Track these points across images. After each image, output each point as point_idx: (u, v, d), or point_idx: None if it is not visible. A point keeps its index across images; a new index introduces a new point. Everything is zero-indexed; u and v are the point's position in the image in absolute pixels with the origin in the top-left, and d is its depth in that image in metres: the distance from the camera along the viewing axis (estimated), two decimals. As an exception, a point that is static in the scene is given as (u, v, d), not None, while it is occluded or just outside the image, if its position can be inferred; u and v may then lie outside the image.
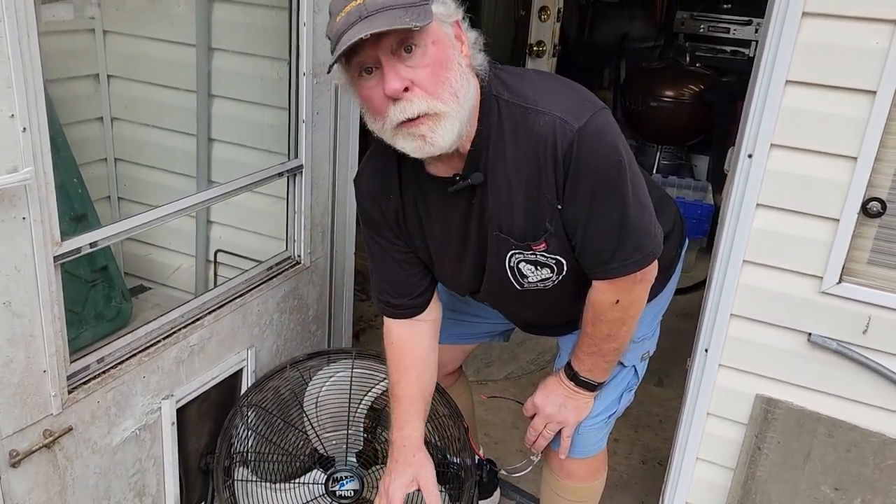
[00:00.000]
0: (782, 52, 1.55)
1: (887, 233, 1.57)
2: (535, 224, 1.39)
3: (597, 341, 1.54)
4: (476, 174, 1.36)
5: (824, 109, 1.55)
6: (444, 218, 1.46)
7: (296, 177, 2.07)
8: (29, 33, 1.23)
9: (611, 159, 1.32)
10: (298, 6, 1.92)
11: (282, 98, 2.09)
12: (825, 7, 1.50)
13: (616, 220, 1.37)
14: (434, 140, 1.25)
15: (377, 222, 1.52)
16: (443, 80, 1.21)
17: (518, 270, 1.47)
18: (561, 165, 1.30)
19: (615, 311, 1.49)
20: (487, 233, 1.43)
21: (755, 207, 1.66)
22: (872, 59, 1.48)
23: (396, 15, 1.14)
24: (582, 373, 1.60)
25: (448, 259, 1.53)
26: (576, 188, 1.33)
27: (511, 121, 1.32)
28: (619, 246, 1.40)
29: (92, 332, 2.16)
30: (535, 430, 1.68)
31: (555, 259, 1.44)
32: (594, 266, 1.45)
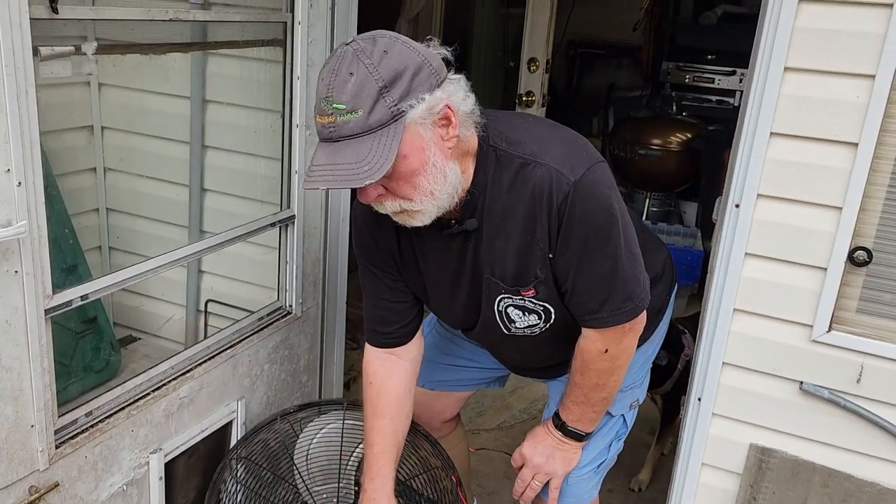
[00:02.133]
0: (766, 104, 1.59)
1: (875, 281, 1.59)
2: (525, 271, 1.41)
3: (585, 391, 1.54)
4: (471, 220, 1.39)
5: (809, 160, 1.58)
6: (438, 256, 1.49)
7: (288, 227, 2.08)
8: (27, 90, 1.25)
9: (604, 212, 1.35)
10: (292, 60, 1.95)
11: (275, 149, 2.11)
12: (807, 62, 1.54)
13: (607, 270, 1.39)
14: (413, 223, 1.33)
15: (372, 251, 1.54)
16: (415, 186, 1.25)
17: (506, 315, 1.49)
18: (556, 216, 1.33)
19: (604, 361, 1.50)
20: (481, 274, 1.46)
21: (744, 256, 1.68)
22: (853, 113, 1.52)
23: (358, 153, 1.16)
24: (570, 423, 1.60)
25: (442, 292, 1.55)
26: (568, 238, 1.35)
27: (508, 171, 1.35)
28: (609, 296, 1.42)
29: (80, 384, 2.14)
30: (523, 481, 1.66)
31: (543, 306, 1.45)
32: (584, 314, 1.46)
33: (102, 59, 2.14)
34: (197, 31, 1.96)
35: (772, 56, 1.56)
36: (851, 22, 1.49)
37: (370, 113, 1.16)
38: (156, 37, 1.75)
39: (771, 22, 1.55)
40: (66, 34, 1.35)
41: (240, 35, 1.95)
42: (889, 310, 1.59)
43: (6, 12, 1.18)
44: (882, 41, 1.47)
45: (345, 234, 2.25)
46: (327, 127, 1.18)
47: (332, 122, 1.17)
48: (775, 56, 1.56)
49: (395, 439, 1.63)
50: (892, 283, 1.58)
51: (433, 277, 1.53)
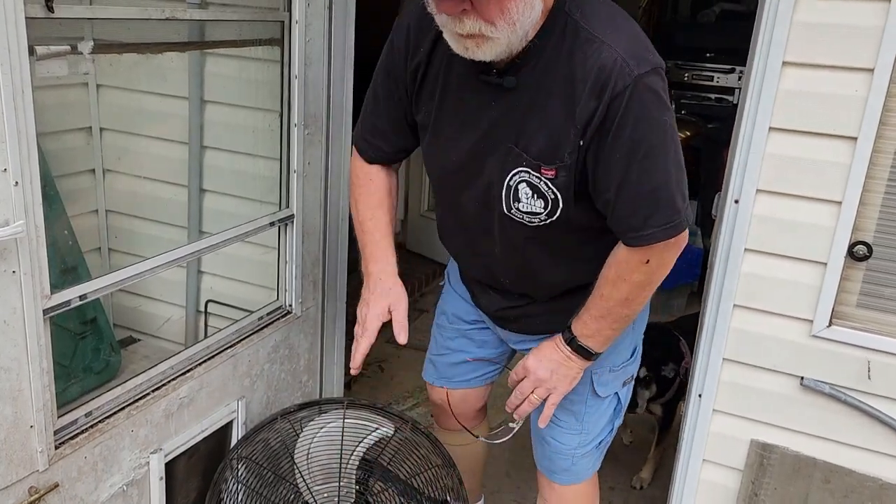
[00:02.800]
0: (765, 100, 1.59)
1: (875, 276, 1.59)
2: (554, 149, 1.34)
3: (610, 304, 1.44)
4: (510, 79, 1.33)
5: (808, 155, 1.58)
6: (460, 103, 1.42)
7: (287, 226, 2.07)
8: (24, 89, 1.24)
9: (659, 115, 1.29)
10: (290, 59, 1.95)
11: (273, 149, 2.11)
12: (805, 57, 1.54)
13: (656, 181, 1.31)
14: (476, 54, 1.26)
15: (398, 63, 1.48)
16: (503, 10, 1.20)
17: (514, 192, 1.40)
18: (605, 104, 1.26)
19: (641, 273, 1.39)
20: (500, 142, 1.38)
21: (743, 252, 1.68)
22: (852, 107, 1.52)
23: None
24: (582, 338, 1.49)
25: (444, 138, 1.47)
26: (619, 137, 1.28)
27: (573, 42, 1.29)
28: (655, 211, 1.32)
29: (80, 385, 2.13)
30: (521, 393, 1.56)
31: (554, 194, 1.37)
32: (626, 232, 1.37)
33: (100, 59, 2.14)
34: (194, 30, 1.95)
35: (770, 51, 1.56)
36: (849, 16, 1.49)
37: None
38: (152, 36, 1.74)
39: (769, 16, 1.55)
40: (62, 33, 1.35)
41: (237, 34, 1.95)
42: (890, 304, 1.59)
43: (1, 12, 1.18)
44: (880, 34, 1.47)
45: (344, 233, 2.24)
46: None
47: None
48: (773, 51, 1.56)
49: (391, 230, 1.66)
50: (893, 277, 1.58)
51: (444, 122, 1.46)
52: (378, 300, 1.60)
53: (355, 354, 1.60)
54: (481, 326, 1.82)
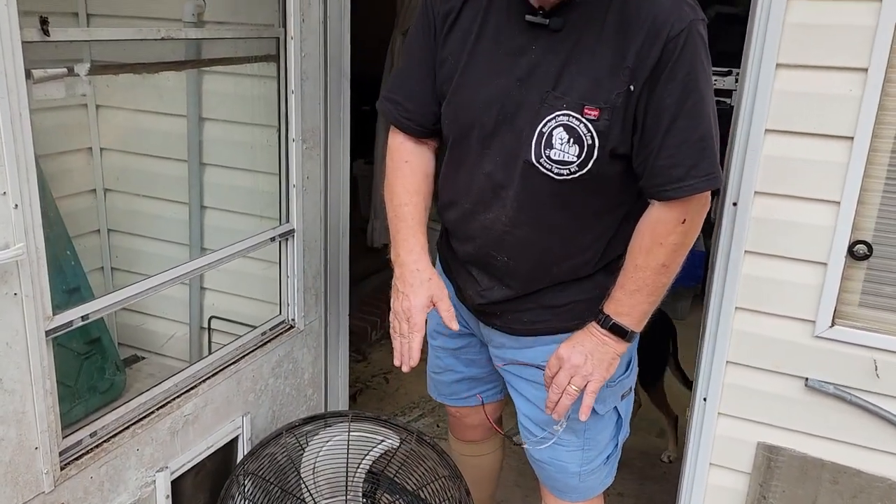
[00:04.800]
0: (759, 102, 1.59)
1: (876, 275, 1.59)
2: (599, 91, 1.32)
3: (647, 274, 1.40)
4: (556, 20, 1.33)
5: (804, 156, 1.58)
6: (497, 42, 1.40)
7: (288, 241, 2.08)
8: (21, 112, 1.25)
9: (707, 63, 1.32)
10: (286, 75, 1.96)
11: (272, 164, 2.12)
12: (798, 58, 1.55)
13: (703, 130, 1.32)
14: None
15: (430, 14, 1.48)
16: None
17: (547, 138, 1.36)
18: (661, 46, 1.27)
19: (678, 234, 1.38)
20: (534, 87, 1.36)
21: (743, 254, 1.68)
22: (847, 107, 1.52)
23: None
24: (617, 316, 1.44)
25: (472, 86, 1.43)
26: (672, 80, 1.28)
27: None
28: (700, 160, 1.32)
29: (85, 405, 2.13)
30: (558, 386, 1.47)
31: (591, 139, 1.33)
32: (665, 184, 1.34)
33: (97, 79, 2.16)
34: (190, 48, 1.97)
35: (763, 53, 1.57)
36: (842, 16, 1.49)
37: None
38: (149, 55, 1.76)
39: (761, 19, 1.56)
40: (58, 56, 1.36)
41: (233, 51, 1.96)
42: (891, 303, 1.59)
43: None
44: (873, 34, 1.47)
45: (345, 246, 2.25)
46: None
47: None
48: (767, 53, 1.56)
49: (425, 217, 1.57)
50: (894, 275, 1.57)
51: (475, 68, 1.43)
52: (419, 292, 1.49)
53: (412, 352, 1.47)
54: (466, 343, 1.77)
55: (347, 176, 2.23)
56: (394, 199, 1.57)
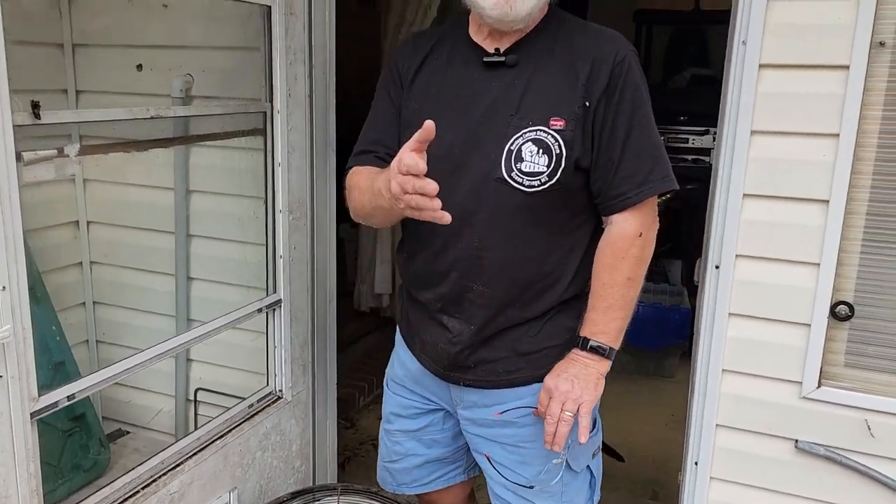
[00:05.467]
0: (737, 167, 1.63)
1: (859, 335, 1.60)
2: (563, 103, 1.45)
3: (616, 290, 1.51)
4: (511, 57, 1.48)
5: (783, 220, 1.62)
6: (459, 85, 1.52)
7: (275, 311, 2.08)
8: (10, 195, 1.26)
9: (645, 85, 1.49)
10: (273, 148, 1.99)
11: (259, 235, 2.13)
12: (772, 125, 1.60)
13: (654, 137, 1.49)
14: (514, 5, 1.40)
15: (394, 72, 1.61)
16: None
17: (517, 153, 1.45)
18: (609, 70, 1.44)
19: (637, 247, 1.51)
20: (499, 115, 1.47)
21: (728, 317, 1.70)
22: (821, 171, 1.56)
23: None
24: (593, 336, 1.52)
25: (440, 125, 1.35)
26: (622, 100, 1.45)
27: (572, 27, 1.52)
28: (655, 165, 1.49)
29: (68, 485, 2.09)
30: (552, 416, 1.50)
31: (559, 148, 1.44)
32: (626, 192, 1.48)
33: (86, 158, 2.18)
34: (179, 124, 2.00)
35: (738, 121, 1.62)
36: (812, 85, 1.55)
37: None
38: (138, 133, 1.78)
39: (734, 88, 1.61)
40: (48, 136, 1.38)
41: (220, 127, 2.00)
42: (876, 363, 1.60)
43: (-11, 122, 1.21)
44: (842, 101, 1.52)
45: (332, 315, 2.25)
46: None
47: None
48: (741, 120, 1.61)
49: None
50: (877, 335, 1.59)
51: (441, 108, 1.50)
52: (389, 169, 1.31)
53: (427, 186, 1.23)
54: (428, 421, 1.74)
55: (334, 245, 2.25)
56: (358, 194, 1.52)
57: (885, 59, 1.49)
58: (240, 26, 2.08)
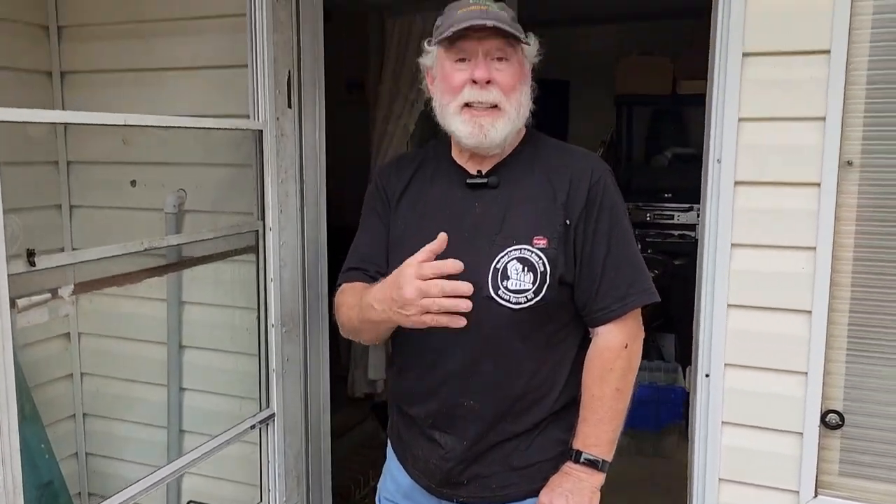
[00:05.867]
0: (719, 279, 1.67)
1: (851, 443, 1.61)
2: (544, 223, 1.49)
3: (606, 403, 1.53)
4: (493, 178, 1.54)
5: (767, 329, 1.65)
6: (442, 207, 1.56)
7: (268, 426, 2.07)
8: (4, 345, 1.27)
9: (620, 200, 1.55)
10: (265, 264, 2.02)
11: (252, 345, 2.14)
12: (750, 239, 1.65)
13: (633, 251, 1.54)
14: (489, 132, 1.47)
15: (380, 193, 1.64)
16: (515, 89, 1.49)
17: (503, 272, 1.48)
18: (585, 189, 1.50)
19: (623, 359, 1.53)
20: (482, 235, 1.50)
21: (721, 425, 1.71)
22: (801, 283, 1.61)
23: (510, 26, 1.45)
24: (587, 448, 1.53)
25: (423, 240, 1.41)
26: (599, 217, 1.50)
27: (548, 149, 1.58)
28: (637, 277, 1.53)
29: None
30: None
31: (543, 266, 1.47)
32: (610, 304, 1.51)
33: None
34: (172, 251, 2.03)
35: (717, 234, 1.67)
36: (786, 201, 1.61)
37: (513, 20, 1.47)
38: (131, 265, 1.81)
39: (712, 203, 1.67)
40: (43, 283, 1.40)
41: (213, 249, 2.03)
42: (870, 471, 1.60)
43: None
44: (816, 217, 1.58)
45: (327, 427, 2.24)
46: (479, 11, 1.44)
47: (485, 8, 1.45)
48: (721, 234, 1.66)
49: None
50: (868, 444, 1.60)
51: (425, 230, 1.48)
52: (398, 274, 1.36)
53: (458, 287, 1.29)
54: None
55: (327, 355, 2.26)
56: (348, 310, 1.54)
57: (853, 178, 1.55)
58: (233, 146, 2.13)
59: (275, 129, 1.98)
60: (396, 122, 4.09)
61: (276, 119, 1.98)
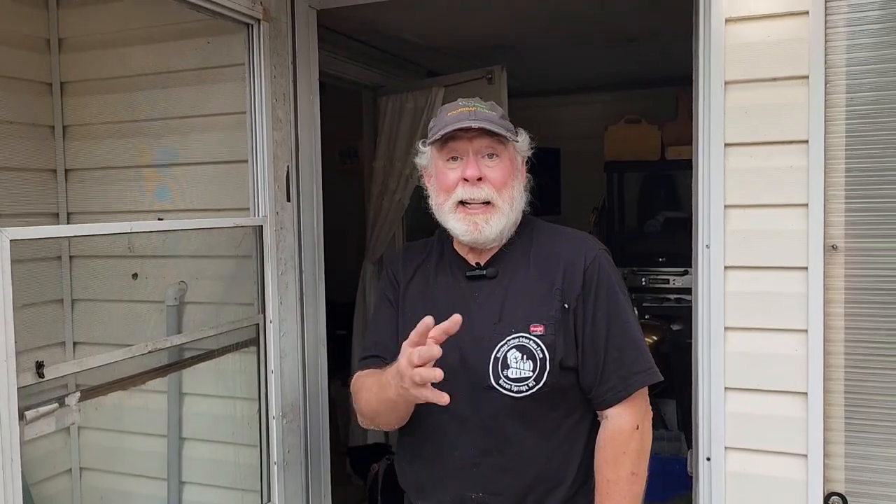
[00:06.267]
0: (715, 362, 1.70)
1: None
2: (539, 311, 1.51)
3: (622, 487, 1.50)
4: (491, 270, 1.58)
5: (765, 412, 1.67)
6: (446, 297, 1.58)
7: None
8: (13, 458, 1.29)
9: (619, 281, 1.57)
10: (266, 355, 2.05)
11: (252, 437, 2.14)
12: (743, 322, 1.68)
13: (634, 331, 1.55)
14: (483, 229, 1.51)
15: (391, 281, 1.68)
16: (507, 185, 1.53)
17: (503, 361, 1.50)
18: (580, 274, 1.52)
19: (635, 440, 1.51)
20: (482, 324, 1.52)
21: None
22: (796, 365, 1.63)
23: (498, 125, 1.51)
24: None
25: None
26: (597, 299, 1.52)
27: (540, 235, 1.62)
28: (640, 355, 1.53)
29: None
30: None
31: (542, 353, 1.48)
32: (616, 385, 1.50)
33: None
34: (174, 350, 2.06)
35: (710, 318, 1.71)
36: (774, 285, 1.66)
37: (501, 118, 1.54)
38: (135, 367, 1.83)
39: (704, 288, 1.72)
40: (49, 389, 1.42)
41: (215, 345, 2.05)
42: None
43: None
44: (805, 299, 1.61)
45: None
46: (468, 113, 1.50)
47: (473, 110, 1.51)
48: (714, 318, 1.70)
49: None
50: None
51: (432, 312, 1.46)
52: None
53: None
54: None
55: (328, 445, 2.26)
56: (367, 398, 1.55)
57: (839, 261, 1.60)
58: (233, 238, 2.18)
59: (275, 223, 2.03)
60: (392, 197, 4.16)
61: (275, 213, 2.04)
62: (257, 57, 2.00)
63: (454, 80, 3.63)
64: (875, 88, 1.56)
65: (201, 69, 2.22)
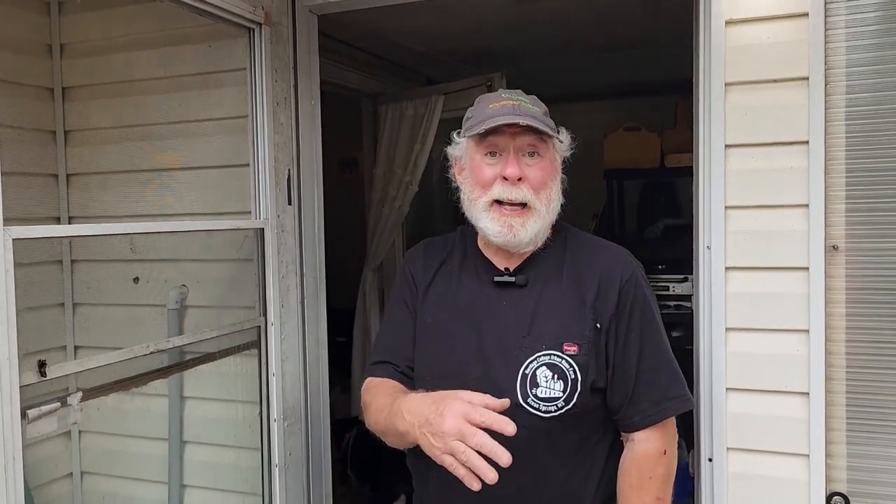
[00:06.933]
0: (717, 362, 1.71)
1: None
2: (574, 327, 1.43)
3: None
4: (521, 277, 1.49)
5: (766, 412, 1.67)
6: (471, 304, 1.50)
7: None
8: (14, 456, 1.28)
9: (651, 298, 1.50)
10: (267, 359, 2.04)
11: (253, 440, 2.13)
12: (744, 323, 1.69)
13: (667, 355, 1.47)
14: (518, 232, 1.43)
15: (409, 282, 1.59)
16: (546, 186, 1.46)
17: (532, 377, 1.42)
18: (616, 290, 1.44)
19: (662, 465, 1.44)
20: (510, 336, 1.44)
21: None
22: (797, 365, 1.63)
23: (542, 122, 1.43)
24: None
25: (450, 341, 1.46)
26: (631, 318, 1.44)
27: (578, 245, 1.53)
28: (674, 379, 1.46)
29: None
30: None
31: (574, 373, 1.41)
32: (647, 409, 1.43)
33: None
34: (175, 353, 2.06)
35: (712, 319, 1.71)
36: (776, 285, 1.66)
37: (545, 114, 1.46)
38: (136, 368, 1.83)
39: (705, 289, 1.72)
40: (51, 390, 1.42)
41: (217, 347, 2.05)
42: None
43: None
44: (807, 300, 1.62)
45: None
46: (512, 106, 1.42)
47: (518, 104, 1.42)
48: (715, 319, 1.71)
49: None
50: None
51: (453, 325, 1.49)
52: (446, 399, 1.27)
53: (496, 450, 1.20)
54: None
55: (329, 447, 2.25)
56: (378, 411, 1.45)
57: (840, 261, 1.60)
58: (234, 242, 2.19)
59: (276, 226, 2.03)
60: (392, 204, 4.17)
61: (276, 216, 2.04)
62: (259, 61, 2.01)
63: (453, 87, 3.65)
64: (875, 89, 1.57)
65: (203, 74, 2.23)
